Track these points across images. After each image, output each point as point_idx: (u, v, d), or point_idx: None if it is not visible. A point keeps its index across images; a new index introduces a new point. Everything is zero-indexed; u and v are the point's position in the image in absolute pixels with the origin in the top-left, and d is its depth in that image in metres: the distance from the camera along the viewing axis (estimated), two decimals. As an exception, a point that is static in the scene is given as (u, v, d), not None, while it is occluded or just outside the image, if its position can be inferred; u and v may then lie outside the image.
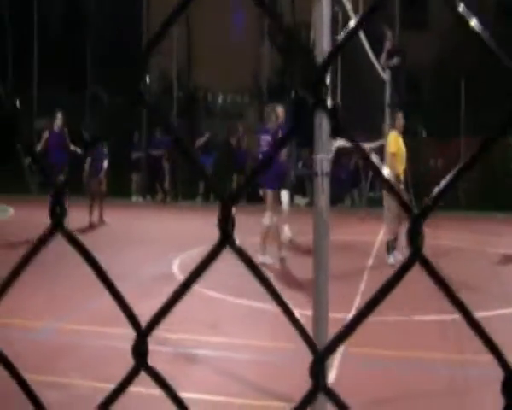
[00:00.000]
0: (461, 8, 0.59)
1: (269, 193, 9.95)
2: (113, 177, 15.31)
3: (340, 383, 4.67)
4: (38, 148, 12.95)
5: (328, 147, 4.28)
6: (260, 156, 10.21)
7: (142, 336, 0.75)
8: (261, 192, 10.16)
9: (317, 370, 0.61)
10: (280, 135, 10.06)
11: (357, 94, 11.74)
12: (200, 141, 20.42)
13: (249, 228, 8.65)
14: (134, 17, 22.30)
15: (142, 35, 21.52)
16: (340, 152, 12.74)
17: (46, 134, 13.15)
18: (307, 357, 0.61)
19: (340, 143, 6.27)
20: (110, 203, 15.18)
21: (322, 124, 4.17)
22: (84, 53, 22.04)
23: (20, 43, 22.18)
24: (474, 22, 0.59)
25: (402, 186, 10.55)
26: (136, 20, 22.00)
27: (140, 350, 0.74)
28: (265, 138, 10.16)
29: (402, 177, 10.36)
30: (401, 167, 10.37)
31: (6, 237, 12.18)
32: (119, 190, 17.79)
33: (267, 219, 9.81)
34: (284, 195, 11.06)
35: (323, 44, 4.16)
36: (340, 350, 5.50)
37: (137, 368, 0.74)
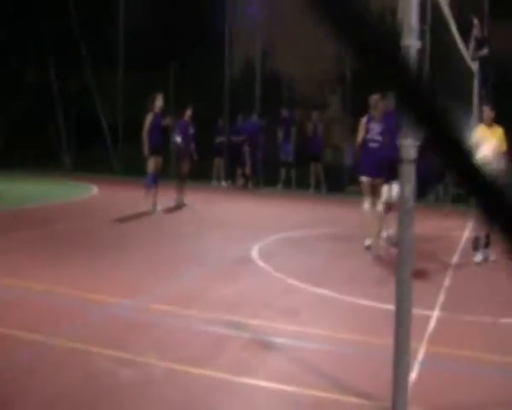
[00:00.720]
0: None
1: (381, 182, 9.76)
2: (193, 160, 15.49)
3: (422, 382, 4.51)
4: (145, 131, 13.14)
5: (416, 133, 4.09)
6: (370, 144, 9.86)
7: None
8: (364, 179, 9.92)
9: None
10: (388, 123, 9.75)
11: (445, 83, 11.34)
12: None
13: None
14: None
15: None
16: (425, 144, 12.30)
17: (150, 116, 13.24)
18: (382, 352, 0.49)
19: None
20: (191, 186, 15.35)
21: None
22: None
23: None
24: None
25: None
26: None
27: None
28: (375, 126, 9.89)
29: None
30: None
31: (91, 214, 12.70)
32: (200, 173, 17.96)
33: (380, 206, 9.75)
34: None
35: (412, 22, 3.97)
36: (423, 348, 5.31)
37: None
